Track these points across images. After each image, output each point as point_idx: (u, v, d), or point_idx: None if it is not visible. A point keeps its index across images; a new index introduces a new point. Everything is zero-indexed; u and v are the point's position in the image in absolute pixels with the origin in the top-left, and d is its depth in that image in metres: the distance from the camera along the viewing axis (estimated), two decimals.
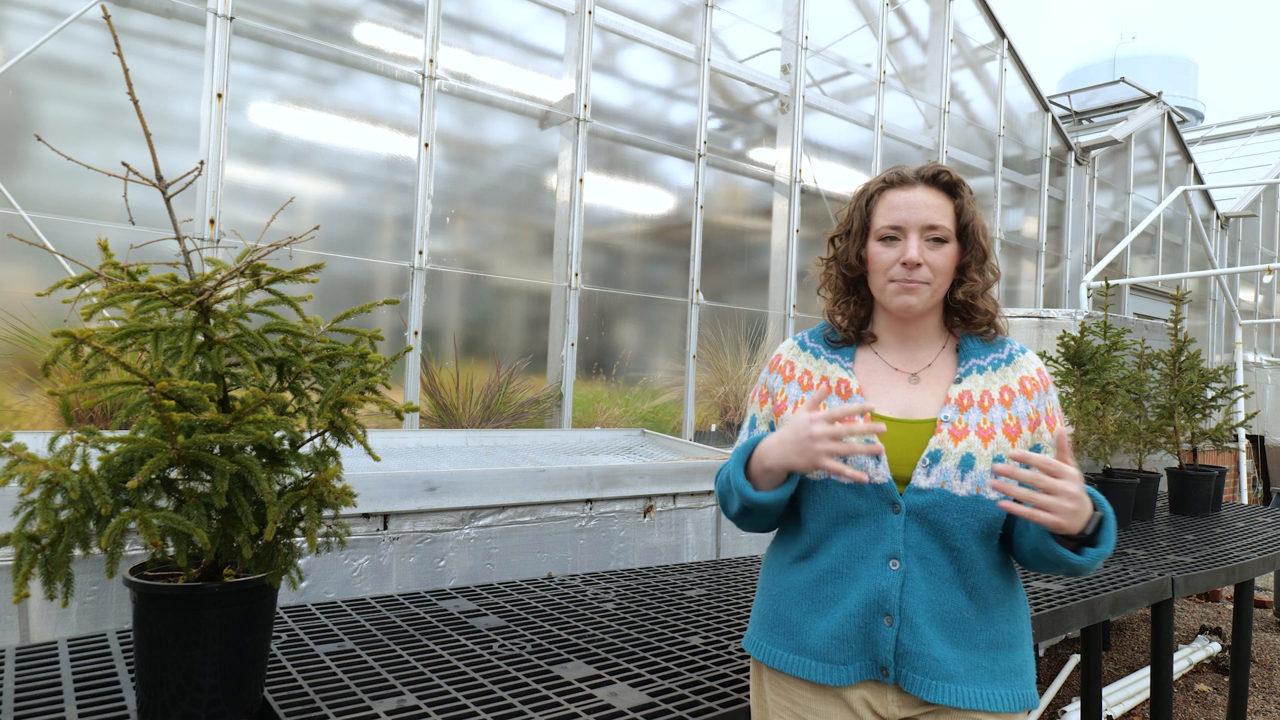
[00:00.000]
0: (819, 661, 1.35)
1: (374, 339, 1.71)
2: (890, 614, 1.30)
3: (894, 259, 1.35)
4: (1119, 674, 4.65)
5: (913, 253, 1.33)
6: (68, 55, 3.52)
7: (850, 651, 1.33)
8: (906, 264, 1.33)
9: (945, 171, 1.37)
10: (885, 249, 1.37)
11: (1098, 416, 4.06)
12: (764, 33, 6.21)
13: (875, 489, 1.32)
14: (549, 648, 2.08)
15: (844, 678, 1.34)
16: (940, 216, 1.35)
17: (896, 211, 1.36)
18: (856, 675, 1.33)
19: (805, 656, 1.37)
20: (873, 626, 1.31)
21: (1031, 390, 1.38)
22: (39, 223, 3.38)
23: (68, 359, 1.38)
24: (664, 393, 5.53)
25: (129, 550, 1.80)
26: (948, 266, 1.35)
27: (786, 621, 1.41)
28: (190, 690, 1.48)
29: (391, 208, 4.44)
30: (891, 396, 1.39)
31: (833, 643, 1.34)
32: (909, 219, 1.34)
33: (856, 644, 1.33)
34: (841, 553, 1.34)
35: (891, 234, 1.36)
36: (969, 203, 1.37)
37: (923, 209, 1.34)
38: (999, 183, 8.15)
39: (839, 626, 1.34)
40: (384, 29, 4.40)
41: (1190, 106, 25.51)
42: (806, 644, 1.37)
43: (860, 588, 1.32)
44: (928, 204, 1.35)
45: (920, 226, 1.34)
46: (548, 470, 2.97)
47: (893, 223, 1.36)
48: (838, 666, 1.34)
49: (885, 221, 1.37)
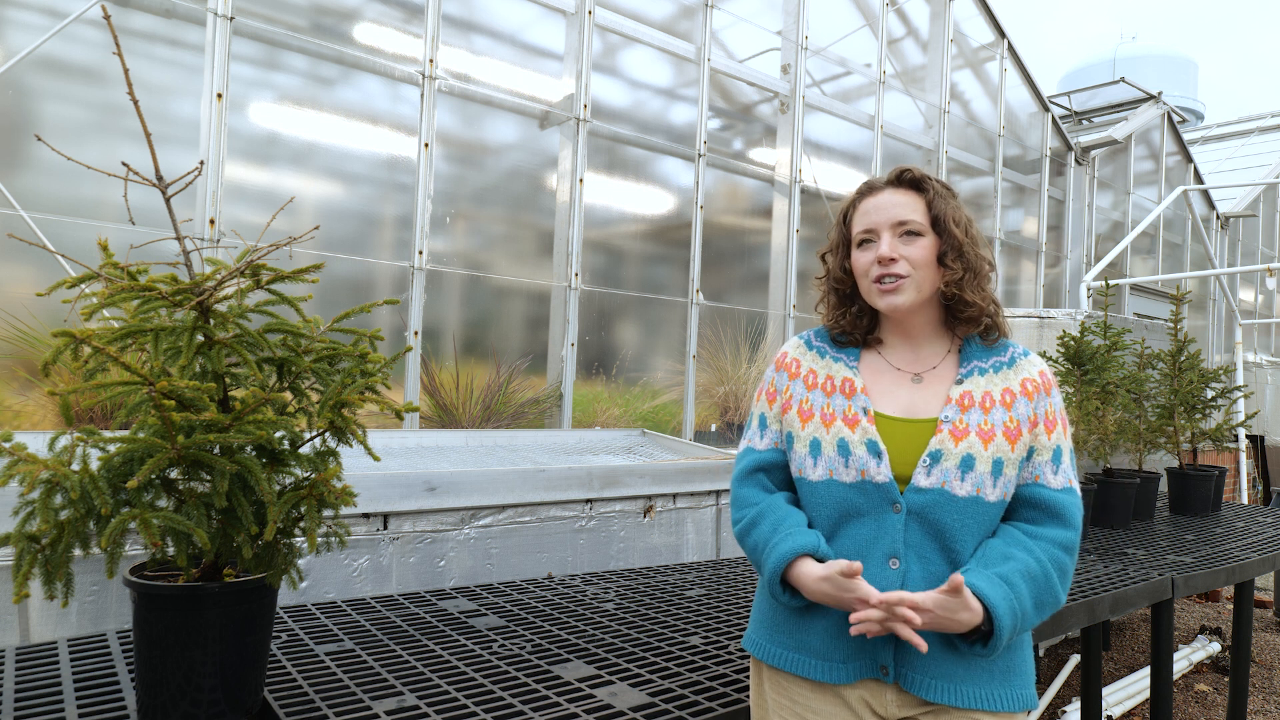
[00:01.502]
0: (819, 660, 1.36)
1: (374, 339, 1.71)
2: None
3: (871, 260, 1.39)
4: (1119, 674, 4.65)
5: (884, 248, 1.37)
6: (68, 55, 3.52)
7: (850, 650, 1.34)
8: (881, 260, 1.37)
9: (908, 170, 1.42)
10: (863, 253, 1.41)
11: (1098, 416, 4.06)
12: (764, 33, 6.21)
13: (876, 488, 1.33)
14: (549, 648, 2.08)
15: (844, 676, 1.34)
16: (910, 212, 1.38)
17: (868, 216, 1.41)
18: (856, 674, 1.34)
19: (805, 655, 1.37)
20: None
21: (1033, 392, 1.38)
22: (39, 223, 3.38)
23: (68, 359, 1.38)
24: (664, 393, 5.53)
25: (129, 550, 1.80)
26: (926, 258, 1.37)
27: (787, 620, 1.41)
28: (190, 690, 1.48)
29: (391, 208, 4.44)
30: (894, 396, 1.40)
31: (832, 641, 1.35)
32: (879, 220, 1.39)
33: (856, 642, 1.33)
34: (842, 551, 1.35)
35: (867, 238, 1.41)
36: (938, 195, 1.40)
37: (891, 208, 1.39)
38: (999, 183, 8.15)
39: (839, 625, 1.34)
40: (384, 29, 4.40)
41: (1190, 106, 25.50)
42: (806, 642, 1.37)
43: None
44: (896, 203, 1.39)
45: (890, 224, 1.38)
46: (548, 470, 2.97)
47: (866, 226, 1.41)
48: (837, 665, 1.34)
49: (859, 228, 1.42)
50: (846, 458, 1.35)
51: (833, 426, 1.38)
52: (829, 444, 1.37)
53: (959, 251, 1.38)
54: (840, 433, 1.36)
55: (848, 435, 1.36)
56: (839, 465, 1.35)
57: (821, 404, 1.41)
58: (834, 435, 1.37)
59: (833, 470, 1.36)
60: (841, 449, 1.35)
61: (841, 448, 1.35)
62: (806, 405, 1.42)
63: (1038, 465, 1.37)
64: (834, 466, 1.36)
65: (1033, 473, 1.37)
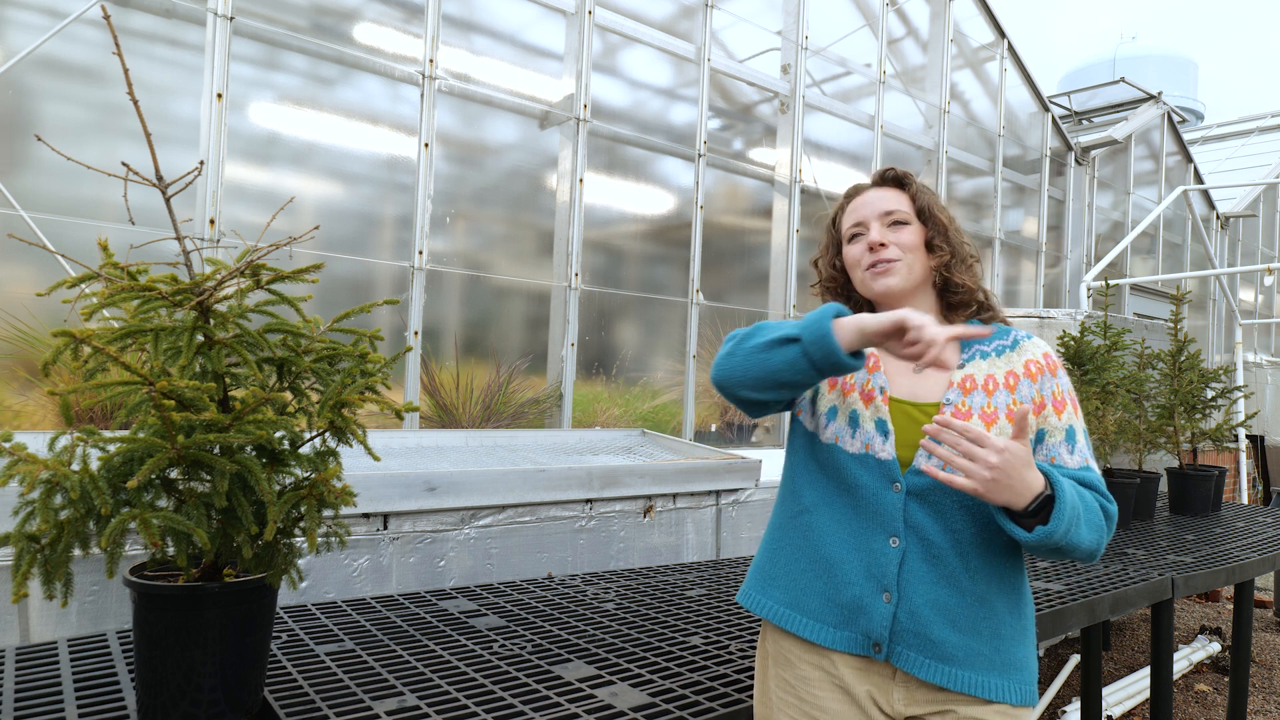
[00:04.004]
0: (812, 620, 1.37)
1: (374, 339, 1.71)
2: (889, 590, 1.31)
3: (863, 249, 1.44)
4: (1119, 674, 4.65)
5: (874, 234, 1.42)
6: (68, 55, 3.52)
7: (843, 618, 1.35)
8: (872, 246, 1.41)
9: (890, 170, 1.50)
10: (854, 246, 1.47)
11: (1098, 416, 4.06)
12: (764, 33, 6.21)
13: (879, 464, 1.34)
14: (549, 648, 2.08)
15: (835, 641, 1.35)
16: (896, 204, 1.44)
17: (856, 212, 1.47)
18: (846, 644, 1.34)
19: (799, 613, 1.39)
20: (870, 600, 1.32)
21: (1037, 374, 1.38)
22: (39, 223, 3.38)
23: (68, 359, 1.38)
24: (664, 393, 5.53)
25: (129, 550, 1.80)
26: (915, 243, 1.42)
27: (784, 575, 1.43)
28: (190, 690, 1.48)
29: (391, 208, 4.44)
30: (896, 382, 1.42)
31: (828, 605, 1.36)
32: (866, 213, 1.45)
33: (850, 612, 1.34)
34: (842, 519, 1.37)
35: (856, 231, 1.47)
36: (921, 190, 1.46)
37: (877, 201, 1.45)
38: (999, 183, 8.15)
39: (836, 590, 1.35)
40: (384, 29, 4.40)
41: (1190, 106, 25.51)
42: (802, 601, 1.39)
43: (859, 559, 1.34)
44: (881, 197, 1.46)
45: (878, 214, 1.44)
46: (548, 470, 2.97)
47: (855, 221, 1.47)
48: (830, 629, 1.35)
49: (849, 224, 1.49)
50: (854, 429, 1.38)
51: (850, 396, 1.41)
52: (843, 413, 1.40)
53: (945, 235, 1.43)
54: (855, 405, 1.39)
55: (860, 409, 1.39)
56: (846, 435, 1.38)
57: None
58: (849, 406, 1.40)
59: (838, 437, 1.39)
60: (852, 420, 1.39)
61: (853, 419, 1.39)
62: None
63: (1052, 447, 1.36)
64: (841, 434, 1.39)
65: (1048, 455, 1.36)
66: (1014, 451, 1.18)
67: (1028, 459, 1.20)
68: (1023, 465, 1.19)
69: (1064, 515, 1.20)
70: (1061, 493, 1.21)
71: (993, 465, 1.18)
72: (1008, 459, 1.18)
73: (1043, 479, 1.22)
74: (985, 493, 1.19)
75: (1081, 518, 1.23)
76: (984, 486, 1.19)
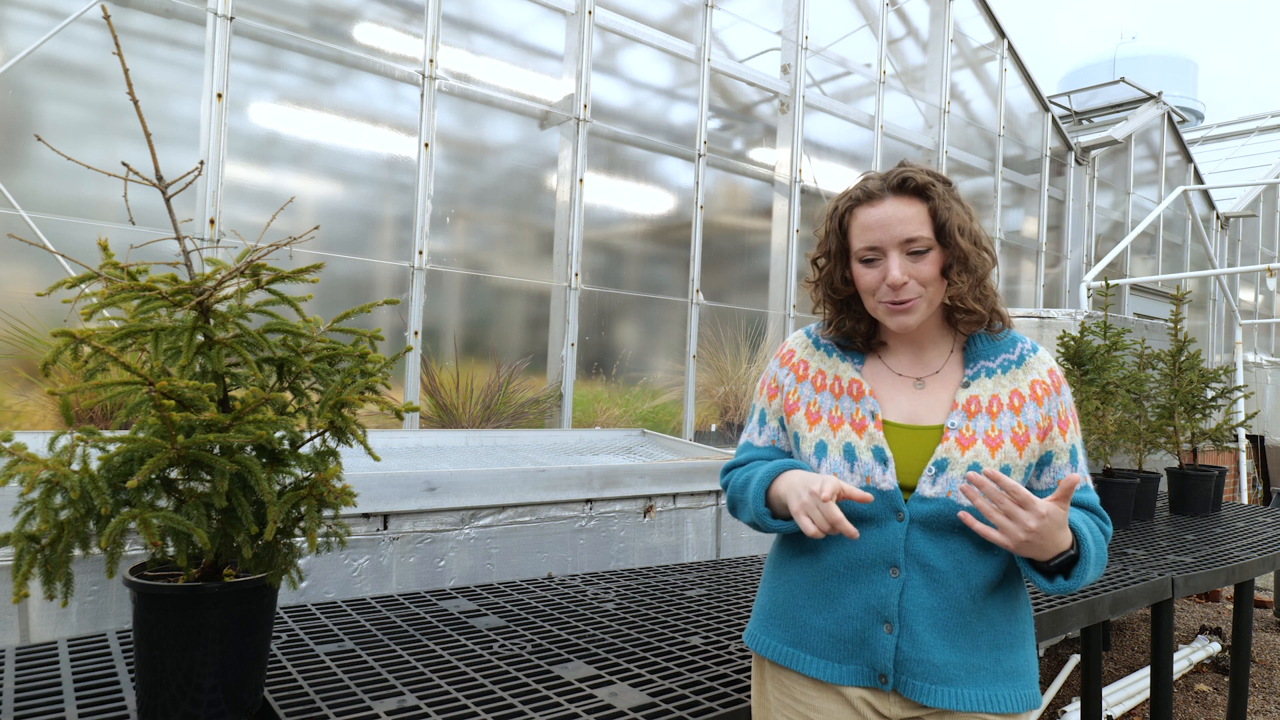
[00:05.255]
0: (816, 657, 1.35)
1: (374, 339, 1.71)
2: (890, 621, 1.30)
3: (878, 280, 1.32)
4: (1119, 674, 4.65)
5: (895, 274, 1.29)
6: (68, 55, 3.52)
7: (846, 652, 1.33)
8: (893, 285, 1.30)
9: (911, 177, 1.31)
10: (868, 270, 1.33)
11: (1098, 416, 4.06)
12: (764, 33, 6.21)
13: (880, 495, 1.31)
14: (549, 648, 2.08)
15: (840, 677, 1.33)
16: (916, 227, 1.29)
17: (871, 232, 1.31)
18: (852, 678, 1.33)
19: (802, 651, 1.37)
20: (871, 632, 1.31)
21: (1042, 395, 1.35)
22: (39, 223, 3.38)
23: (68, 359, 1.38)
24: (664, 393, 5.53)
25: (129, 550, 1.80)
26: (935, 275, 1.31)
27: (785, 614, 1.41)
28: (190, 690, 1.47)
29: (391, 208, 4.44)
30: (896, 403, 1.37)
31: (830, 641, 1.35)
32: (884, 238, 1.30)
33: (853, 646, 1.33)
34: (844, 554, 1.34)
35: (871, 255, 1.33)
36: (942, 200, 1.31)
37: (896, 225, 1.30)
38: (999, 183, 8.15)
39: (838, 626, 1.34)
40: (384, 29, 4.40)
41: (1190, 106, 25.52)
42: (804, 639, 1.37)
43: (860, 592, 1.32)
44: (900, 217, 1.30)
45: (897, 243, 1.30)
46: (548, 470, 2.97)
47: (869, 244, 1.32)
48: (834, 665, 1.34)
49: (862, 243, 1.33)
50: (852, 463, 1.33)
51: (840, 430, 1.35)
52: (835, 448, 1.35)
53: (965, 264, 1.32)
54: (848, 437, 1.34)
55: (855, 440, 1.34)
56: (844, 470, 1.33)
57: (830, 406, 1.39)
58: (840, 439, 1.35)
59: (836, 474, 1.33)
60: (847, 454, 1.33)
61: (848, 452, 1.34)
62: (814, 407, 1.40)
63: (1059, 469, 1.36)
64: (837, 469, 1.33)
65: (1054, 477, 1.36)
66: (1053, 517, 1.18)
67: (1063, 521, 1.20)
68: (1057, 528, 1.20)
69: (1086, 574, 1.23)
70: (1086, 551, 1.24)
71: (1030, 530, 1.18)
72: (1046, 525, 1.18)
73: (1071, 537, 1.23)
74: (1015, 548, 1.21)
75: (1095, 561, 1.27)
76: (1015, 543, 1.20)
